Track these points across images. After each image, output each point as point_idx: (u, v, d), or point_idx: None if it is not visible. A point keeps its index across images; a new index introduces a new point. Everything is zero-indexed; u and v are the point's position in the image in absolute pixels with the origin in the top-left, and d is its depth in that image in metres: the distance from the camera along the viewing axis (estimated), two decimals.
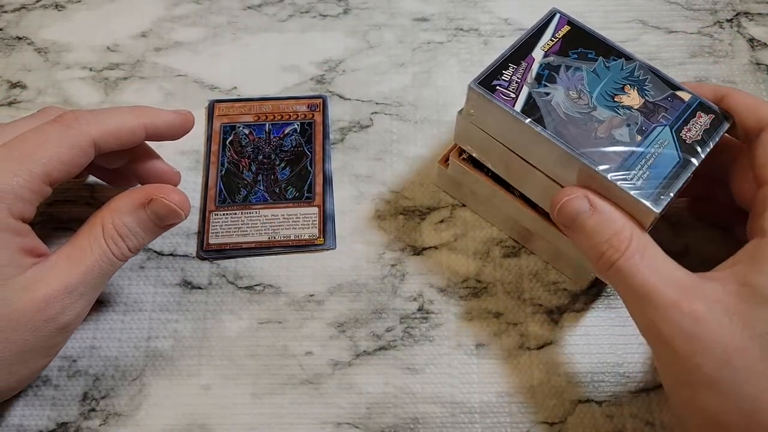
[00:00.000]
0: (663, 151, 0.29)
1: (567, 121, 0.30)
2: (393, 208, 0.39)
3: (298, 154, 0.40)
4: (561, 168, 0.30)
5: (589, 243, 0.29)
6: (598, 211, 0.29)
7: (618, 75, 0.32)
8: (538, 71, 0.31)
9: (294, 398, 0.34)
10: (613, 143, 0.29)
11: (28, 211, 0.29)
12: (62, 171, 0.29)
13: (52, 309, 0.28)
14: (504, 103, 0.30)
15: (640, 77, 0.32)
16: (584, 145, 0.29)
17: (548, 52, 0.32)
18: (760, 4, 0.46)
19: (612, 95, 0.31)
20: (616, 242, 0.28)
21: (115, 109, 0.32)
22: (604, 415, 0.33)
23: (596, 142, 0.29)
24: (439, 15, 0.46)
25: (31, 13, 0.46)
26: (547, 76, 0.31)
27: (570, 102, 0.31)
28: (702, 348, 0.25)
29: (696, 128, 0.30)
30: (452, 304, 0.36)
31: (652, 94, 0.31)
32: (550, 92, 0.31)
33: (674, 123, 0.30)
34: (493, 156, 0.33)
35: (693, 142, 0.30)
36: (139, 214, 0.31)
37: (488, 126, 0.32)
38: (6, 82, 0.43)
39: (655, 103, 0.31)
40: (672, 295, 0.26)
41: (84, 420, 0.33)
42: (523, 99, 0.30)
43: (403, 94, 0.43)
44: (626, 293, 0.28)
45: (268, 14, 0.46)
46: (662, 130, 0.30)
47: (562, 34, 0.33)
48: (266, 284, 0.37)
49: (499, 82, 0.31)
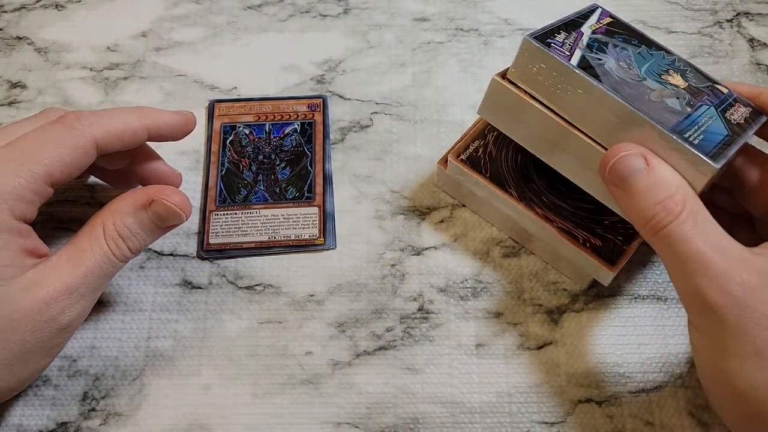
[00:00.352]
0: (712, 124, 0.29)
1: (621, 83, 0.29)
2: (393, 208, 0.39)
3: (298, 154, 0.40)
4: (613, 126, 0.29)
5: (639, 204, 0.27)
6: (654, 170, 0.27)
7: (661, 62, 0.32)
8: (588, 42, 0.31)
9: (294, 398, 0.34)
10: (666, 108, 0.29)
11: (29, 211, 0.29)
12: (64, 172, 0.29)
13: (53, 310, 0.28)
14: (561, 56, 0.29)
15: (681, 67, 0.33)
16: (640, 104, 0.29)
17: (595, 32, 0.32)
18: (760, 4, 0.46)
19: (659, 74, 0.31)
20: (669, 205, 0.27)
21: (117, 110, 0.32)
22: (604, 415, 0.33)
23: (650, 104, 0.29)
24: (439, 15, 0.46)
25: (31, 13, 0.46)
26: (597, 47, 0.31)
27: (621, 71, 0.30)
28: (755, 318, 0.25)
29: (737, 114, 0.31)
30: (452, 304, 0.36)
31: (693, 81, 0.32)
32: (602, 59, 0.30)
33: (718, 105, 0.31)
34: (525, 124, 0.32)
35: (737, 123, 0.30)
36: (140, 216, 0.30)
37: (535, 84, 0.31)
38: (6, 82, 0.43)
39: (698, 88, 0.32)
40: (724, 264, 0.25)
41: (84, 420, 0.33)
42: (577, 59, 0.30)
43: (403, 94, 0.43)
44: (673, 259, 0.27)
45: (268, 14, 0.46)
46: (708, 108, 0.30)
47: (606, 23, 0.33)
48: (266, 284, 0.37)
49: (553, 41, 0.30)
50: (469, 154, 0.36)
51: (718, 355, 0.26)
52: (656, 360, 0.35)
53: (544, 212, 0.35)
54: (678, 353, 0.35)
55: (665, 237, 0.26)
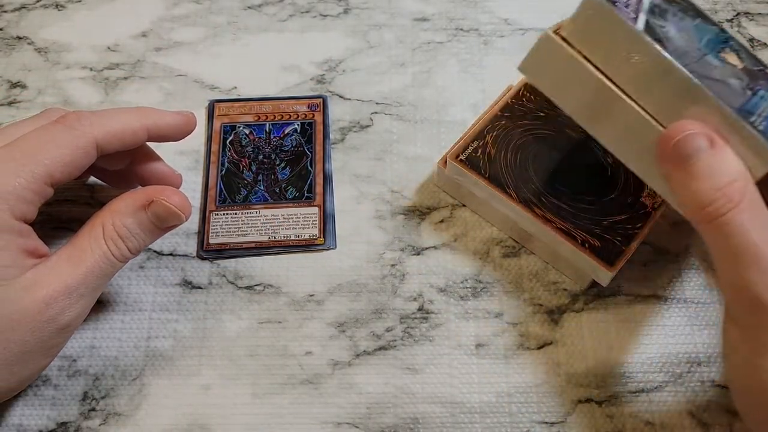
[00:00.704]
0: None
1: (684, 54, 0.27)
2: (393, 208, 0.39)
3: (298, 154, 0.40)
4: (674, 100, 0.27)
5: (699, 187, 0.26)
6: (719, 153, 0.26)
7: (718, 38, 0.30)
8: (650, 6, 0.29)
9: (294, 398, 0.34)
10: (729, 88, 0.27)
11: (29, 212, 0.29)
12: (64, 172, 0.29)
13: (53, 310, 0.28)
14: (628, 18, 0.27)
15: (734, 46, 0.31)
16: (705, 81, 0.26)
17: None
18: (760, 4, 0.46)
19: (718, 50, 0.29)
20: (730, 192, 0.25)
21: (117, 111, 0.32)
22: (604, 415, 0.33)
23: (712, 83, 0.27)
24: (439, 15, 0.46)
25: (31, 12, 0.46)
26: (659, 13, 0.29)
27: (684, 42, 0.28)
28: None
29: None
30: (452, 304, 0.36)
31: (749, 63, 0.30)
32: (665, 26, 0.28)
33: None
34: (573, 88, 0.30)
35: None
36: (139, 216, 0.30)
37: (593, 45, 0.28)
38: (6, 82, 0.43)
39: (753, 70, 0.30)
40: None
41: (84, 420, 0.33)
42: (642, 23, 0.27)
43: (403, 94, 0.43)
44: (726, 250, 0.25)
45: (268, 14, 0.46)
46: (766, 93, 0.28)
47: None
48: (266, 284, 0.37)
49: (617, 1, 0.27)
50: (468, 154, 0.36)
51: (755, 352, 0.25)
52: (656, 360, 0.35)
53: (543, 213, 0.35)
54: (678, 353, 0.35)
55: (721, 226, 0.25)
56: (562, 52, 0.29)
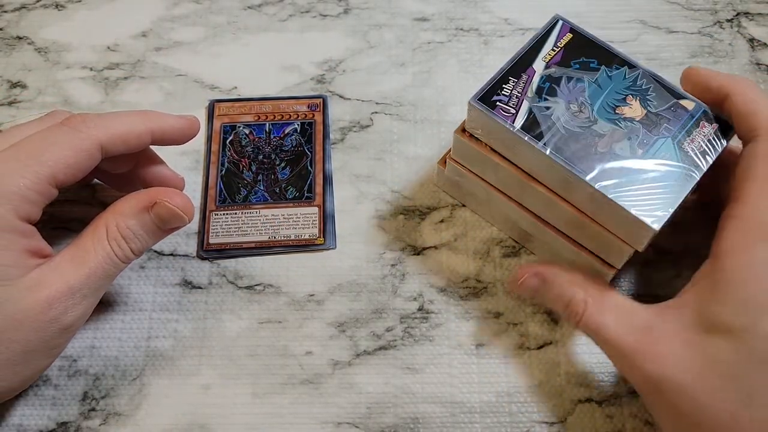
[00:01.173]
0: (664, 165, 0.29)
1: (567, 137, 0.30)
2: (393, 208, 0.39)
3: (298, 154, 0.40)
4: (561, 183, 0.31)
5: (556, 310, 0.32)
6: (549, 284, 0.31)
7: (620, 85, 0.32)
8: (539, 84, 0.31)
9: (294, 398, 0.34)
10: (614, 158, 0.29)
11: (33, 212, 0.29)
12: (68, 174, 0.29)
13: (55, 310, 0.28)
14: (504, 119, 0.30)
15: (642, 86, 0.32)
16: (584, 160, 0.29)
17: (550, 63, 0.32)
18: (760, 4, 0.46)
19: (614, 107, 0.31)
20: (573, 307, 0.30)
21: (122, 114, 0.32)
22: (604, 415, 0.33)
23: (596, 157, 0.29)
24: (439, 15, 0.46)
25: (31, 12, 0.46)
26: (548, 89, 0.31)
27: (570, 116, 0.31)
28: (668, 385, 0.27)
29: (699, 138, 0.30)
30: (452, 304, 0.36)
31: (654, 105, 0.31)
32: (550, 106, 0.31)
33: (676, 134, 0.30)
34: (491, 173, 0.34)
35: (695, 153, 0.30)
36: (142, 218, 0.31)
37: (489, 140, 0.32)
38: (6, 82, 0.43)
39: (658, 113, 0.31)
40: (633, 342, 0.28)
41: (84, 420, 0.33)
42: (524, 114, 0.31)
43: (403, 94, 0.43)
44: (600, 346, 0.30)
45: (268, 14, 0.46)
46: (664, 142, 0.30)
47: (564, 43, 0.33)
48: (266, 284, 0.37)
49: (499, 97, 0.31)
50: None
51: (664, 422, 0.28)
52: None
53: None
54: None
55: (584, 330, 0.30)
56: (470, 147, 0.33)
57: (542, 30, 0.33)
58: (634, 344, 0.28)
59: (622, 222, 0.29)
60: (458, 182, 0.37)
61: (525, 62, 0.32)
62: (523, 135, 0.30)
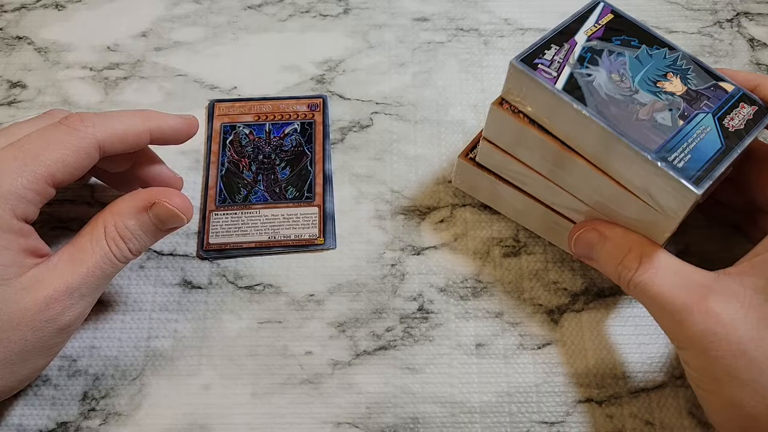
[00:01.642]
0: (705, 137, 0.29)
1: (608, 102, 0.30)
2: (393, 208, 0.39)
3: (298, 153, 0.40)
4: (601, 149, 0.30)
5: (606, 268, 0.31)
6: (608, 239, 0.31)
7: (661, 63, 0.32)
8: (581, 53, 0.31)
9: (294, 398, 0.34)
10: (655, 126, 0.29)
11: (31, 212, 0.29)
12: (66, 173, 0.29)
13: (53, 310, 0.28)
14: (545, 80, 0.30)
15: (683, 66, 0.32)
16: (625, 126, 0.29)
17: (591, 37, 0.32)
18: (760, 4, 0.46)
19: (654, 81, 0.31)
20: (627, 262, 0.30)
21: (121, 113, 0.32)
22: (604, 415, 0.33)
23: (638, 124, 0.29)
24: (439, 15, 0.46)
25: (31, 12, 0.46)
26: (590, 59, 0.31)
27: (612, 84, 0.30)
28: (718, 341, 0.27)
29: (739, 118, 0.30)
30: (452, 304, 0.36)
31: (695, 83, 0.31)
32: (591, 74, 0.31)
33: (717, 111, 0.30)
34: (526, 148, 0.33)
35: (735, 130, 0.30)
36: (141, 217, 0.30)
37: (529, 105, 0.31)
38: (6, 82, 0.43)
39: (698, 91, 0.31)
40: (685, 298, 0.28)
41: (84, 420, 0.33)
42: (565, 78, 0.30)
43: (403, 94, 0.43)
44: (648, 305, 0.30)
45: (268, 14, 0.46)
46: (705, 116, 0.30)
47: (606, 22, 0.33)
48: (266, 284, 0.37)
49: (541, 60, 0.31)
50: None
51: (703, 381, 0.28)
52: (656, 360, 0.35)
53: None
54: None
55: (634, 288, 0.30)
56: (506, 119, 0.32)
57: (583, 9, 0.33)
58: (687, 300, 0.28)
59: (662, 189, 0.29)
60: (477, 180, 0.36)
61: (567, 33, 0.32)
62: (565, 95, 0.29)
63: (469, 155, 0.37)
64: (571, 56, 0.31)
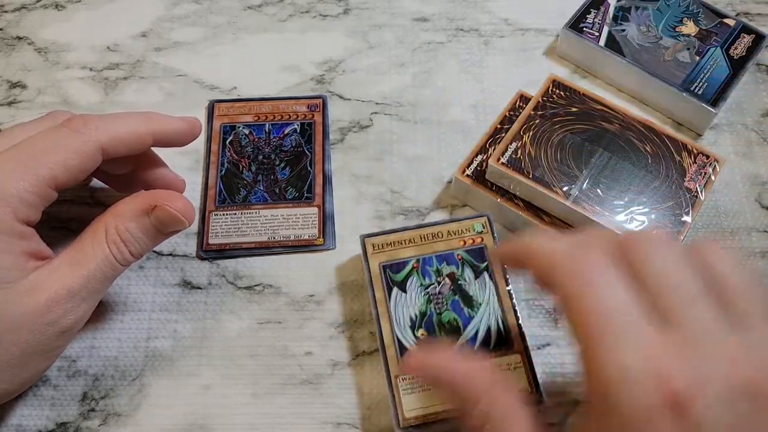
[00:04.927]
0: (717, 67, 0.40)
1: (640, 50, 0.41)
2: (393, 208, 0.39)
3: (297, 154, 0.40)
4: (638, 86, 0.41)
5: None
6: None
7: (677, 10, 0.43)
8: (614, 12, 0.43)
9: (294, 398, 0.34)
10: (678, 64, 0.41)
11: (33, 214, 0.29)
12: (69, 176, 0.29)
13: (54, 313, 0.28)
14: (591, 40, 0.41)
15: (694, 10, 0.43)
16: (656, 67, 0.40)
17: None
18: (760, 4, 0.46)
19: (673, 26, 0.42)
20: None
21: (123, 115, 0.32)
22: None
23: (665, 64, 0.41)
24: (439, 15, 0.46)
25: (31, 13, 0.46)
26: (621, 17, 0.42)
27: (641, 35, 0.42)
28: None
29: (741, 46, 0.41)
30: None
31: (704, 23, 0.42)
32: (624, 29, 0.42)
33: (723, 43, 0.41)
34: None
35: (739, 57, 0.41)
36: (142, 221, 0.30)
37: (576, 59, 0.43)
38: (6, 82, 0.43)
39: (708, 29, 0.42)
40: None
41: (83, 420, 0.33)
42: (605, 36, 0.42)
43: (403, 94, 0.43)
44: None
45: (268, 14, 0.46)
46: (715, 50, 0.41)
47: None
48: (266, 284, 0.37)
49: (585, 24, 0.42)
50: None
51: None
52: None
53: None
54: None
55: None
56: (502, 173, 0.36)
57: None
58: None
59: (688, 111, 0.40)
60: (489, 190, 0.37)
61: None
62: (608, 51, 0.41)
63: (466, 172, 0.37)
64: (607, 17, 0.42)
